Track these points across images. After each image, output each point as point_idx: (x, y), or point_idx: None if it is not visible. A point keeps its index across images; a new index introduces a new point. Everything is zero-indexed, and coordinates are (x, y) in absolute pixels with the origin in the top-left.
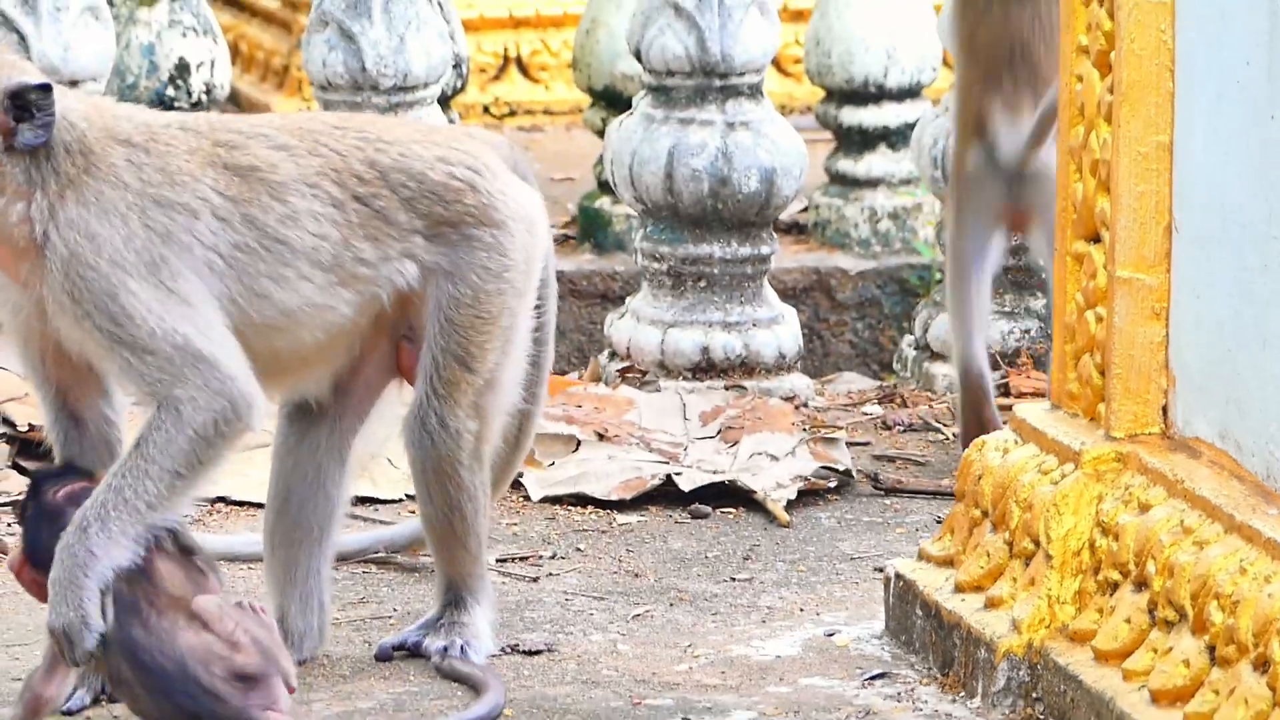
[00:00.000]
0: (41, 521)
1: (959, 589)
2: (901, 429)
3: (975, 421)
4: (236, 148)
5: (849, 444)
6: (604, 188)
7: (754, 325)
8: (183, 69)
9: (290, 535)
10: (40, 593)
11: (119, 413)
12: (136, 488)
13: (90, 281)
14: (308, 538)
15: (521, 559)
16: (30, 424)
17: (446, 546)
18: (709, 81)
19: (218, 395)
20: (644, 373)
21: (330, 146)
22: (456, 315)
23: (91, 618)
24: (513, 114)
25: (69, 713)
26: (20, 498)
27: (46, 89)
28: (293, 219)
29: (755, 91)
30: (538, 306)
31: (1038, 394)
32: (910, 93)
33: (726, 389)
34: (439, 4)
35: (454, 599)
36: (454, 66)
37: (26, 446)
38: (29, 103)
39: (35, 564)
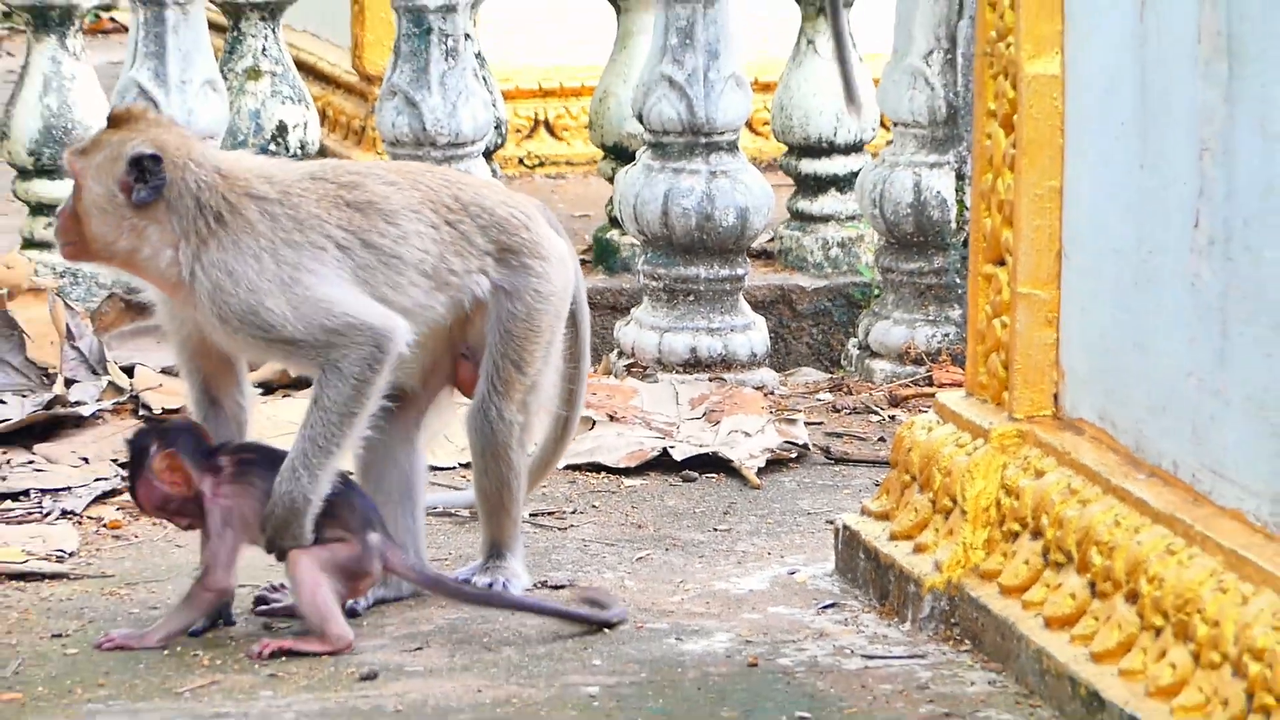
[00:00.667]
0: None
1: (893, 537)
2: (847, 411)
3: None
4: (356, 187)
5: (806, 423)
6: (613, 222)
7: (732, 330)
8: (282, 129)
9: (376, 499)
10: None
11: (248, 398)
12: (326, 434)
13: (232, 306)
14: (389, 500)
15: (549, 514)
16: (164, 408)
17: (494, 510)
18: (696, 139)
19: (361, 345)
20: (645, 368)
21: (425, 183)
22: (514, 327)
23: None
24: (541, 165)
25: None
26: None
27: (157, 159)
28: (403, 238)
29: (733, 147)
30: (575, 330)
31: (956, 384)
32: (855, 148)
33: (710, 380)
34: (483, 79)
35: (496, 550)
36: (495, 127)
37: None
38: (144, 169)
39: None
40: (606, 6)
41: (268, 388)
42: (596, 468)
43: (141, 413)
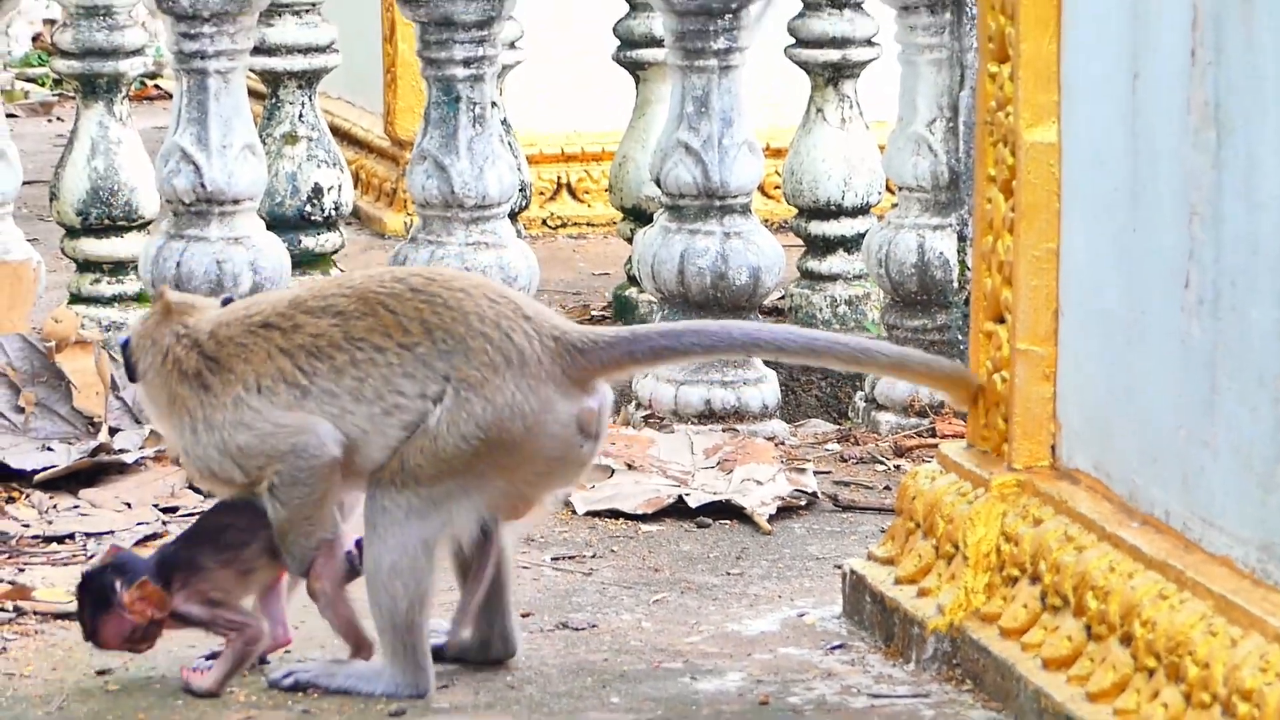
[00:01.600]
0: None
1: (898, 581)
2: (854, 461)
3: None
4: (297, 329)
5: (815, 472)
6: (632, 280)
7: (744, 383)
8: (317, 191)
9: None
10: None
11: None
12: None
13: (171, 442)
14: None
15: (570, 558)
16: None
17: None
18: (711, 202)
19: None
20: (662, 418)
21: (387, 307)
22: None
23: None
24: (564, 225)
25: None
26: (199, 510)
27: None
28: (337, 371)
29: (745, 209)
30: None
31: (958, 436)
32: (861, 210)
33: (723, 431)
34: (509, 144)
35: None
36: (520, 190)
37: None
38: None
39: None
40: (626, 76)
41: None
42: (615, 514)
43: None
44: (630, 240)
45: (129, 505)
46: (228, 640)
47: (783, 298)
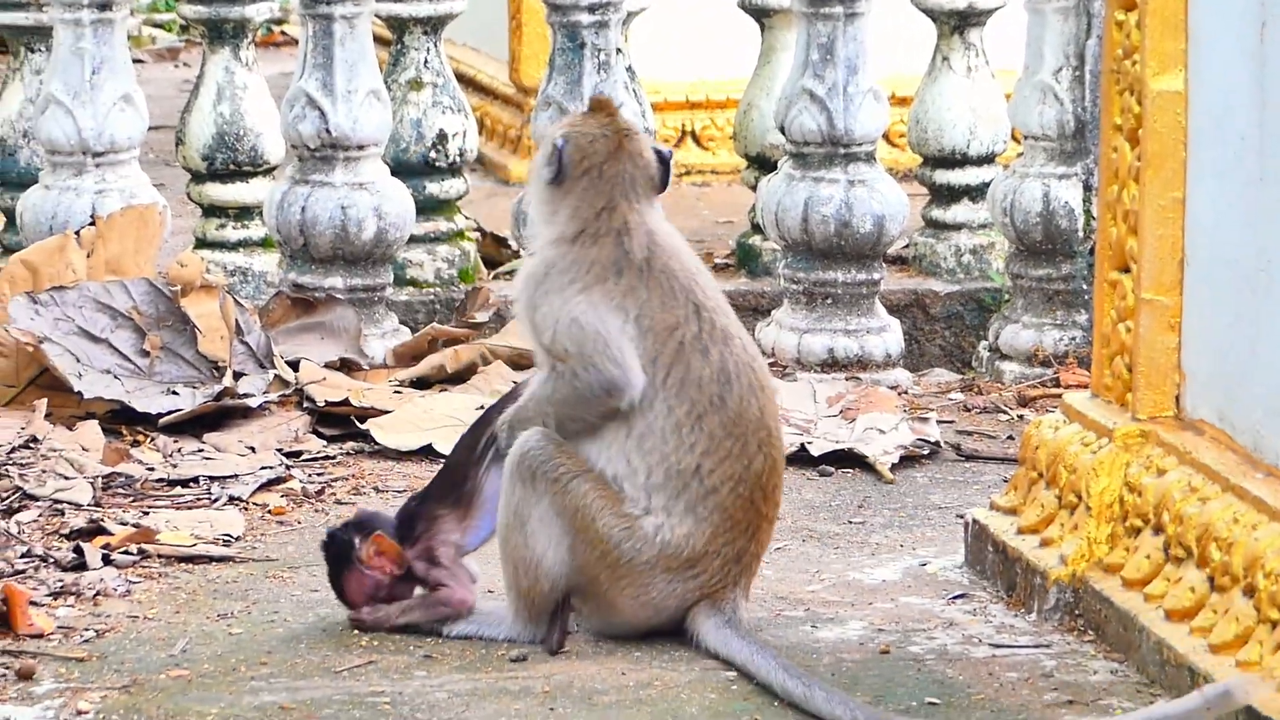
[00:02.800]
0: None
1: (1020, 531)
2: (978, 411)
3: None
4: (700, 314)
5: (938, 422)
6: (755, 229)
7: (867, 332)
8: (442, 138)
9: None
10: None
11: None
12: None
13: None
14: None
15: None
16: (327, 400)
17: None
18: (835, 150)
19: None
20: (785, 367)
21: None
22: None
23: None
24: (688, 174)
25: None
26: (322, 455)
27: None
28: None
29: (870, 157)
30: None
31: (1081, 386)
32: (986, 159)
33: (846, 380)
34: (633, 91)
35: None
36: None
37: (324, 419)
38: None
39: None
40: (751, 23)
41: (424, 383)
42: None
43: (305, 404)
44: (754, 188)
45: (252, 449)
46: (431, 596)
47: (907, 246)
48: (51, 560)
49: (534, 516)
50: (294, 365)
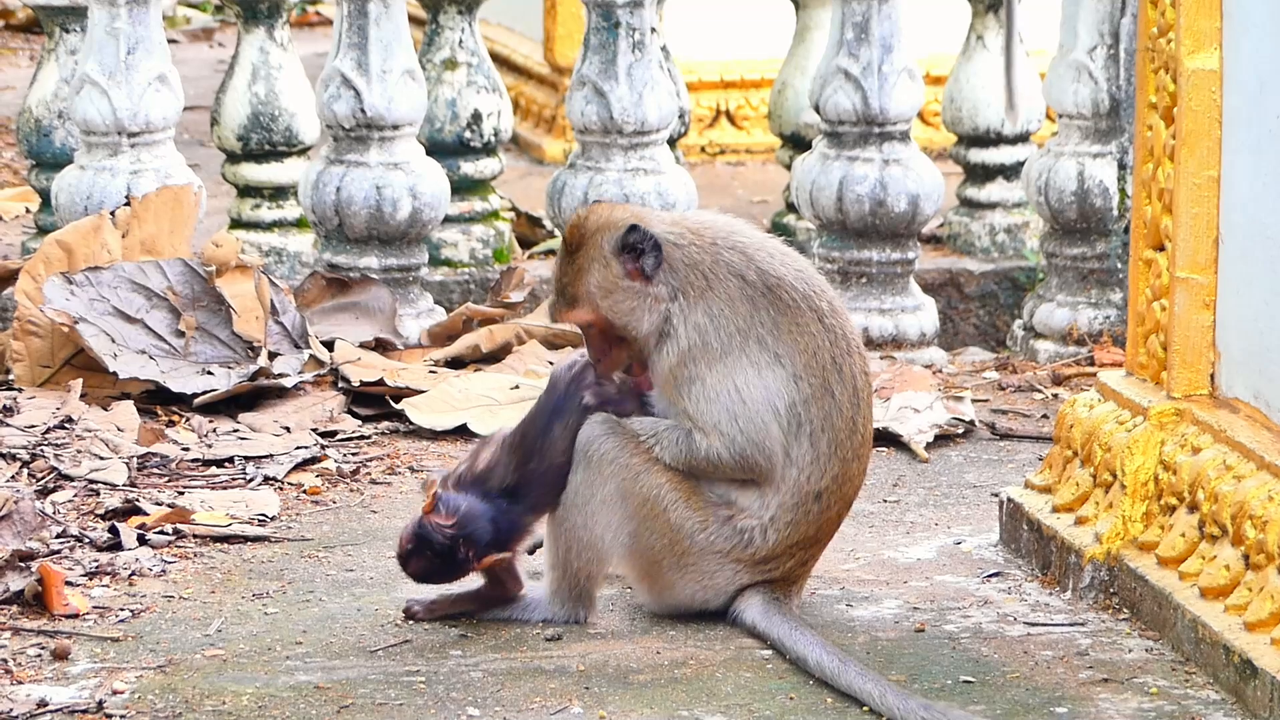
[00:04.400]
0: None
1: (1055, 510)
2: (1012, 389)
3: None
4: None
5: (973, 400)
6: (790, 208)
7: (902, 311)
8: (476, 118)
9: None
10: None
11: None
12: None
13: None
14: None
15: None
16: (362, 380)
17: None
18: (870, 129)
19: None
20: None
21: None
22: None
23: None
24: (722, 153)
25: None
26: (357, 435)
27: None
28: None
29: (905, 136)
30: None
31: (1116, 364)
32: (1021, 139)
33: (881, 358)
34: (668, 70)
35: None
36: (679, 117)
37: (359, 399)
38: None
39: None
40: (786, 3)
41: (459, 362)
42: None
43: (340, 384)
44: (789, 167)
45: (287, 429)
46: (486, 592)
47: (942, 225)
48: (87, 540)
49: (597, 498)
50: (329, 345)
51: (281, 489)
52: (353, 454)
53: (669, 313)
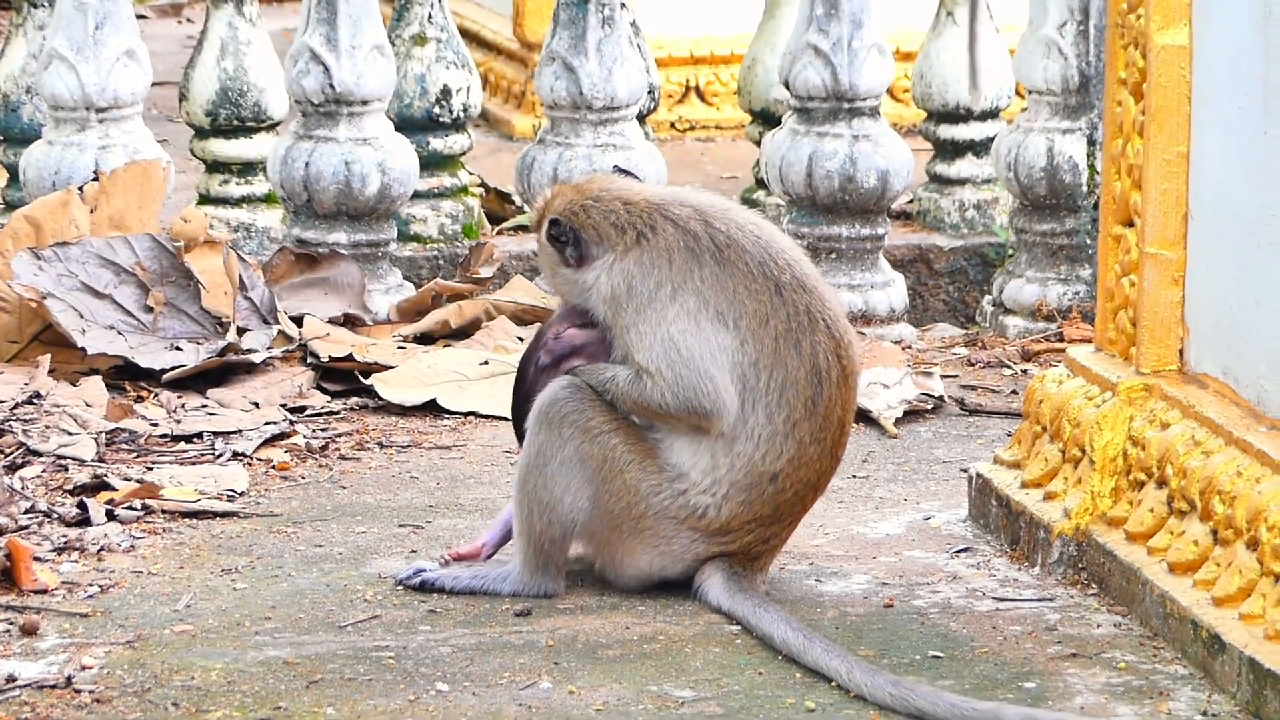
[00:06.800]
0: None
1: (1024, 485)
2: (981, 365)
3: None
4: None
5: (942, 376)
6: (760, 184)
7: (872, 287)
8: (446, 93)
9: None
10: None
11: None
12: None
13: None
14: None
15: None
16: (331, 356)
17: None
18: (840, 105)
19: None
20: None
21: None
22: None
23: None
24: (692, 129)
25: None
26: (326, 411)
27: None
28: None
29: (874, 112)
30: None
31: (1085, 340)
32: (990, 115)
33: None
34: (638, 46)
35: None
36: (649, 92)
37: (327, 374)
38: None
39: None
40: None
41: (428, 338)
42: None
43: (309, 360)
44: (758, 143)
45: (256, 405)
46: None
47: (911, 201)
48: (55, 516)
49: (556, 460)
50: (298, 321)
51: (250, 464)
52: (321, 429)
53: (600, 271)
